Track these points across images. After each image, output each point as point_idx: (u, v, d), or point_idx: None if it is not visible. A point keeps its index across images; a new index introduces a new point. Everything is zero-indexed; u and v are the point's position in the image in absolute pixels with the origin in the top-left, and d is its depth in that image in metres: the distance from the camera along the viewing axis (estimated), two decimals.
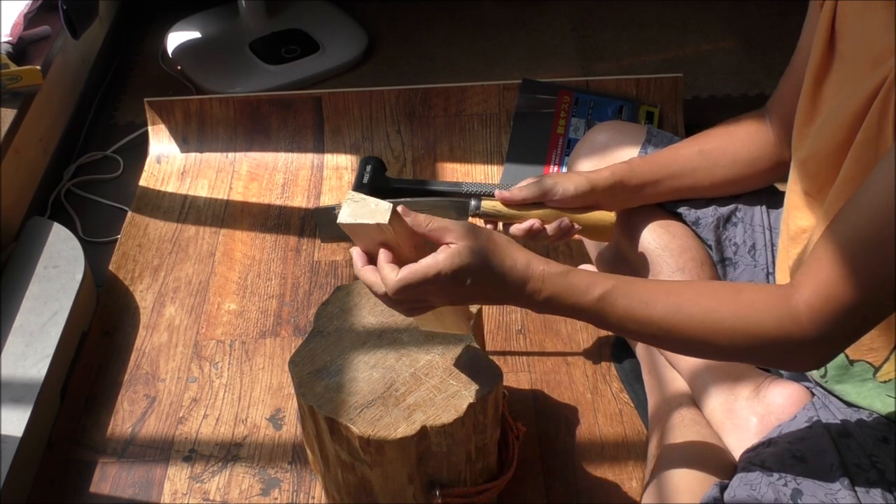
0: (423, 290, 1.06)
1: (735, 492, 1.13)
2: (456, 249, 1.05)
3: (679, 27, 2.62)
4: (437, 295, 1.08)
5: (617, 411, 1.63)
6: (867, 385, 1.18)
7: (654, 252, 1.42)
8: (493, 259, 1.07)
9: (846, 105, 1.09)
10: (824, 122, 1.14)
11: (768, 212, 1.44)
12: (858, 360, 1.17)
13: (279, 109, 2.24)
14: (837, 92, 1.13)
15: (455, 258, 1.04)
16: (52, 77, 2.10)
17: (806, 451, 1.15)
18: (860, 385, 1.19)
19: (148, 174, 2.19)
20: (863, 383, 1.18)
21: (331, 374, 1.33)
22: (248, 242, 2.01)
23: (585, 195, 1.37)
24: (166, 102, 2.23)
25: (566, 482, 1.53)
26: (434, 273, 1.04)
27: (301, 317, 1.84)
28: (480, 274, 1.06)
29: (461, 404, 1.27)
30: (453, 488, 1.35)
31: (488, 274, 1.06)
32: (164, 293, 1.90)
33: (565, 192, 1.37)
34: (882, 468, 1.11)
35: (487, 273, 1.06)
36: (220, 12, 2.63)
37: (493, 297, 1.10)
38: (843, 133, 1.09)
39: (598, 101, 2.13)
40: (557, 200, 1.37)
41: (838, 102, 1.11)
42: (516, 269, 1.07)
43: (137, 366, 1.76)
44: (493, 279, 1.07)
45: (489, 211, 1.39)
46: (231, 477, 1.57)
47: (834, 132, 1.11)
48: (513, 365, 1.72)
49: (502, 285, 1.07)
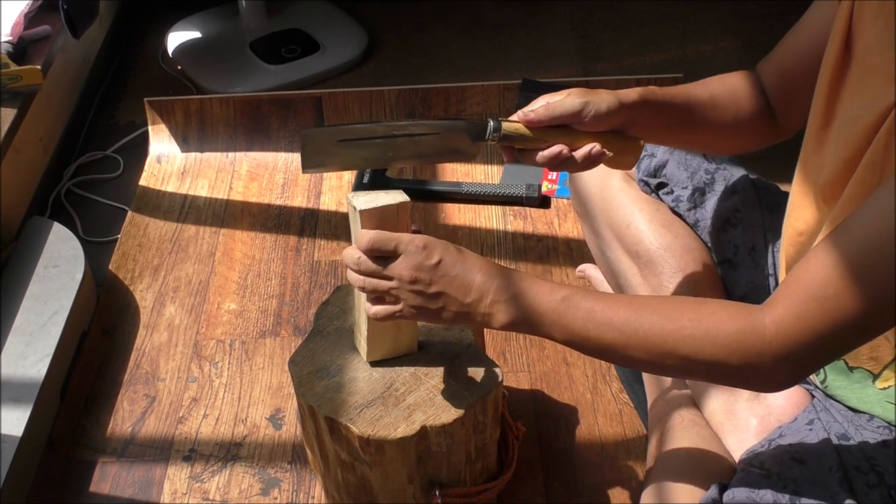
0: (390, 251, 1.12)
1: (734, 493, 1.13)
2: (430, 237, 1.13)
3: (679, 27, 2.62)
4: (402, 269, 1.11)
5: (617, 411, 1.63)
6: (867, 391, 1.18)
7: (656, 252, 1.42)
8: (464, 252, 1.13)
9: (859, 119, 1.07)
10: (838, 134, 1.12)
11: (769, 213, 1.44)
12: (857, 367, 1.17)
13: (279, 109, 2.24)
14: (854, 96, 1.11)
15: (428, 238, 1.13)
16: (52, 77, 2.10)
17: (806, 453, 1.15)
18: (860, 391, 1.18)
19: (148, 174, 2.19)
20: (863, 389, 1.18)
21: (330, 373, 1.33)
22: (248, 242, 2.01)
23: (617, 113, 1.23)
24: (166, 102, 2.23)
25: (566, 482, 1.53)
26: (407, 239, 1.11)
27: (301, 317, 1.84)
28: (449, 256, 1.11)
29: (461, 404, 1.27)
30: (453, 488, 1.35)
31: (457, 259, 1.11)
32: (164, 293, 1.90)
33: (598, 111, 1.21)
34: (882, 471, 1.11)
35: (456, 258, 1.11)
36: (221, 12, 2.63)
37: (457, 293, 1.11)
38: (852, 149, 1.07)
39: None
40: (589, 121, 1.21)
41: (853, 114, 1.09)
42: (485, 267, 1.12)
43: (137, 365, 1.76)
44: (461, 267, 1.11)
45: (511, 133, 1.19)
46: (231, 477, 1.57)
47: (845, 146, 1.09)
48: (513, 365, 1.72)
49: (468, 278, 1.11)
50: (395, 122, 1.19)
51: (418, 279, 1.11)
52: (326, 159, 1.20)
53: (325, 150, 1.19)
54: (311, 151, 1.20)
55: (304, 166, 1.20)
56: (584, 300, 1.08)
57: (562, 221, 2.01)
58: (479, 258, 1.13)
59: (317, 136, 1.20)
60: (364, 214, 1.16)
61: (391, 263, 1.12)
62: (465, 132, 1.20)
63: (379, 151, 1.19)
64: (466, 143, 1.21)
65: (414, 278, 1.11)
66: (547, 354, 1.74)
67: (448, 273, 1.10)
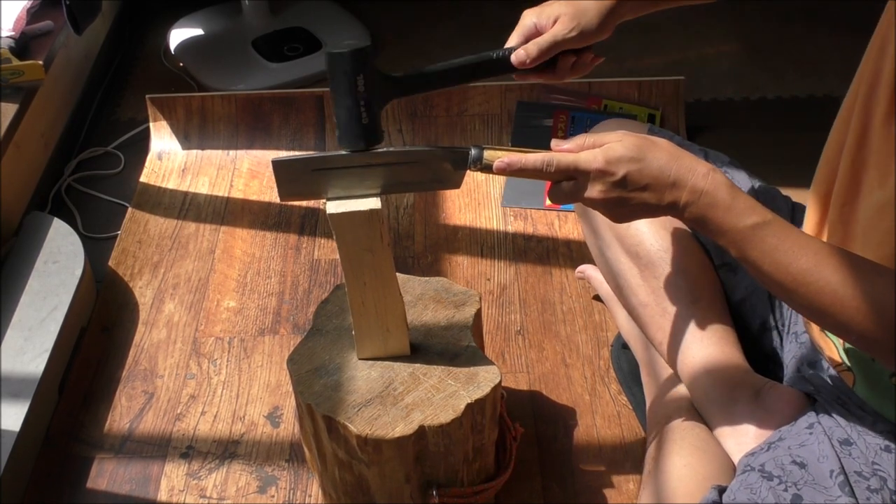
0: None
1: (734, 495, 1.13)
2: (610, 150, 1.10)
3: (682, 31, 2.62)
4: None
5: (615, 413, 1.63)
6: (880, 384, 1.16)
7: (657, 254, 1.42)
8: (646, 156, 1.10)
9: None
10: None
11: None
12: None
13: (281, 107, 2.24)
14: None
15: (608, 153, 1.10)
16: (54, 72, 2.10)
17: (806, 456, 1.14)
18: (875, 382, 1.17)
19: (149, 171, 2.19)
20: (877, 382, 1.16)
21: (329, 372, 1.33)
22: (249, 240, 2.01)
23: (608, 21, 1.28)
24: (168, 99, 2.23)
25: (564, 483, 1.53)
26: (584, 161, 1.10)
27: (300, 315, 1.84)
28: (650, 145, 1.10)
29: (459, 404, 1.27)
30: (450, 488, 1.35)
31: (661, 147, 1.10)
32: (164, 290, 1.90)
33: (590, 27, 1.26)
34: (884, 476, 1.11)
35: (660, 147, 1.10)
36: (224, 9, 2.63)
37: (656, 179, 1.09)
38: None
39: (594, 118, 2.13)
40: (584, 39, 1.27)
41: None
42: (684, 156, 1.10)
43: (136, 362, 1.76)
44: (647, 174, 1.09)
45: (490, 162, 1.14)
46: (228, 474, 1.57)
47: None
48: (511, 366, 1.72)
49: (669, 167, 1.09)
50: (373, 150, 1.16)
51: (609, 199, 1.11)
52: (303, 188, 1.18)
53: (300, 180, 1.18)
54: (284, 180, 1.18)
55: (281, 195, 1.19)
56: (771, 235, 1.06)
57: (562, 223, 2.01)
58: (676, 150, 1.11)
59: (288, 166, 1.18)
60: (334, 218, 1.16)
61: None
62: (446, 160, 1.18)
63: (356, 180, 1.18)
64: (449, 172, 1.18)
65: (607, 199, 1.11)
66: (546, 356, 1.73)
67: (638, 183, 1.09)
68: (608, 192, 1.10)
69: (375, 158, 1.17)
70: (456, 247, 1.97)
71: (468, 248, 1.97)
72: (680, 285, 1.39)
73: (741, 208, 1.07)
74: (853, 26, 1.40)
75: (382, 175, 1.17)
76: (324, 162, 1.17)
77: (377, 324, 1.30)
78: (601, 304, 1.79)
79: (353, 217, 1.18)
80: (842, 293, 1.02)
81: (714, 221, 1.08)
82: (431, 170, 1.18)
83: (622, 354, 1.68)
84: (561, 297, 1.84)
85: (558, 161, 1.11)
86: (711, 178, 1.08)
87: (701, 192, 1.08)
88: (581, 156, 1.10)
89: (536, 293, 1.85)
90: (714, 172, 1.09)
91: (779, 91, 2.39)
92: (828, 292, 1.03)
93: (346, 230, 1.19)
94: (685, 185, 1.08)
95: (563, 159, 1.11)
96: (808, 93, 2.37)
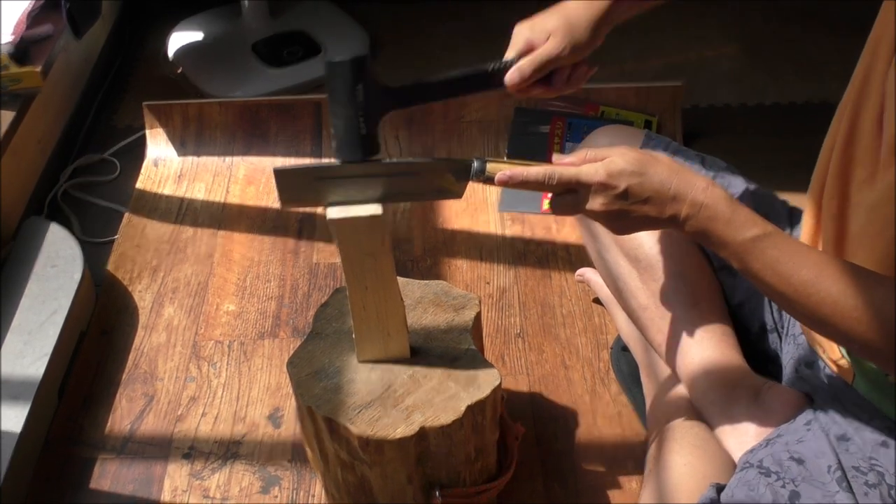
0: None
1: (733, 492, 1.13)
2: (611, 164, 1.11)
3: (681, 33, 2.62)
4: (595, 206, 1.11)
5: (615, 413, 1.64)
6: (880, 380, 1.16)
7: (656, 257, 1.42)
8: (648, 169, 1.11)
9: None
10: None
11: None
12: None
13: (279, 114, 2.24)
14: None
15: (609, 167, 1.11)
16: (52, 77, 2.10)
17: (804, 452, 1.15)
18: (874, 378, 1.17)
19: (145, 177, 2.19)
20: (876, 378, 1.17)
21: (329, 375, 1.33)
22: (247, 244, 2.01)
23: (598, 33, 1.29)
24: (165, 106, 2.23)
25: (565, 483, 1.53)
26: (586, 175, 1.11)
27: (300, 318, 1.84)
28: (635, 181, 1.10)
29: (459, 406, 1.27)
30: (452, 489, 1.36)
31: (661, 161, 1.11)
32: (163, 293, 1.90)
33: (580, 42, 1.27)
34: (882, 471, 1.11)
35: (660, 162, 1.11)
36: (224, 12, 2.63)
37: (657, 192, 1.10)
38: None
39: (591, 125, 2.13)
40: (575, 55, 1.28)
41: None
42: (684, 171, 1.11)
43: (136, 365, 1.76)
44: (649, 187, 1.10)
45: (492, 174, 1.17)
46: (231, 474, 1.57)
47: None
48: (511, 368, 1.72)
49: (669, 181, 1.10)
50: (376, 161, 1.17)
51: (611, 212, 1.12)
52: (304, 195, 1.19)
53: (302, 187, 1.19)
54: (285, 187, 1.19)
55: (282, 200, 1.20)
56: (772, 247, 1.07)
57: (560, 226, 2.01)
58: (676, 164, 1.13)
59: (290, 174, 1.19)
60: (334, 224, 1.16)
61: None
62: (448, 172, 1.20)
63: (358, 189, 1.18)
64: (451, 182, 1.20)
65: (608, 212, 1.12)
66: (546, 358, 1.74)
67: (645, 183, 1.10)
68: (610, 205, 1.11)
69: (379, 169, 1.17)
70: (454, 251, 1.98)
71: (467, 251, 1.97)
72: (679, 288, 1.39)
73: (741, 221, 1.08)
74: (853, 27, 1.40)
75: (384, 185, 1.18)
76: (327, 171, 1.18)
77: (378, 327, 1.30)
78: (601, 306, 1.80)
79: (354, 223, 1.18)
80: (843, 303, 1.03)
81: (715, 234, 1.09)
82: (434, 181, 1.20)
83: (622, 356, 1.68)
84: (560, 301, 1.85)
85: (560, 174, 1.12)
86: (711, 192, 1.10)
87: (701, 205, 1.09)
88: (583, 169, 1.12)
89: (536, 296, 1.86)
90: (713, 186, 1.10)
91: (777, 94, 2.39)
92: (829, 303, 1.04)
93: (346, 235, 1.19)
94: (685, 198, 1.10)
95: (565, 172, 1.12)
96: (806, 97, 2.38)
